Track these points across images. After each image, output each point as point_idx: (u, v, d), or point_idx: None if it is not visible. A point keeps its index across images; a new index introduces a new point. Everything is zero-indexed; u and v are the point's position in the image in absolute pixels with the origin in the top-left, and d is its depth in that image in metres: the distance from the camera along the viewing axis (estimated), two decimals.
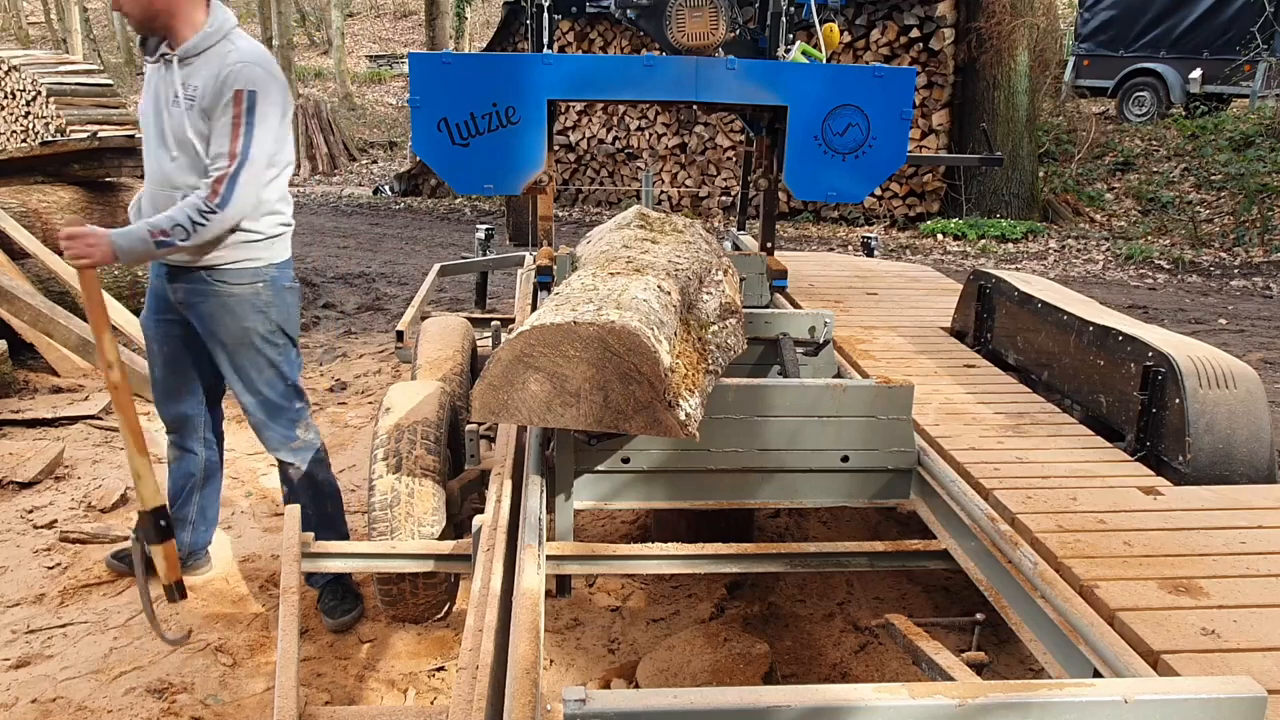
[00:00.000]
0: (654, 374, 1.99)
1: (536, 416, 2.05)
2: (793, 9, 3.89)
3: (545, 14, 3.84)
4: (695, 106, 8.16)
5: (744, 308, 2.83)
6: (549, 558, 2.18)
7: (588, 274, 2.45)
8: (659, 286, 2.33)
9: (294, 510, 2.27)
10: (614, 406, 2.02)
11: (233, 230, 2.74)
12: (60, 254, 2.84)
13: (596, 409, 2.02)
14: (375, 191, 15.09)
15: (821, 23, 3.89)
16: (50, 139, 7.24)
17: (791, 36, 3.90)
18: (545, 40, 3.86)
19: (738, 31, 3.82)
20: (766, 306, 3.83)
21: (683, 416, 2.03)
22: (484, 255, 5.75)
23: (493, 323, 4.72)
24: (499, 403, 2.05)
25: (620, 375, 2.00)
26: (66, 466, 4.26)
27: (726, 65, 3.61)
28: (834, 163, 3.70)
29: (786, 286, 3.98)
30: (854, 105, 3.64)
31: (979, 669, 1.95)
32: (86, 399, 4.99)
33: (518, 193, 3.73)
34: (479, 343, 4.24)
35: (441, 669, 2.87)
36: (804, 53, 3.84)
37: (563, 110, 12.76)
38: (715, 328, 2.55)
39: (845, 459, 2.50)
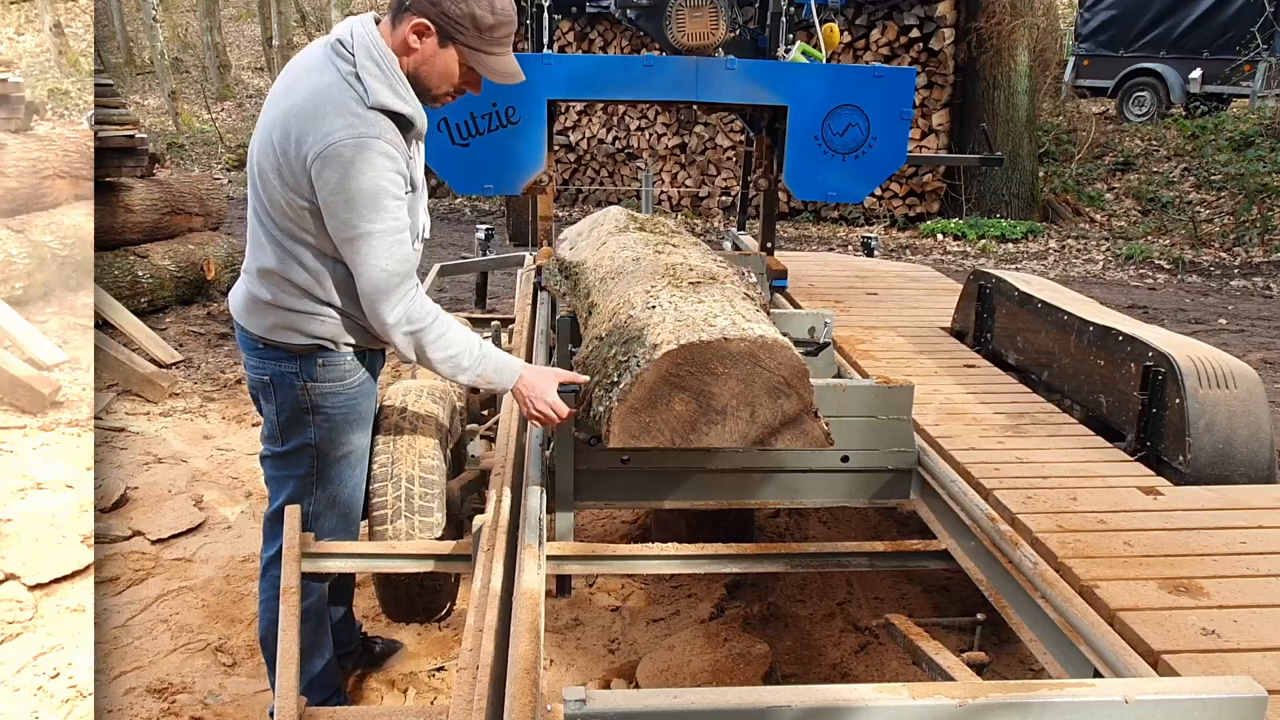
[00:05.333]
0: (803, 386, 1.94)
1: (679, 437, 1.99)
2: (793, 9, 3.89)
3: (545, 14, 3.84)
4: (695, 106, 8.16)
5: None
6: (549, 558, 2.18)
7: (656, 286, 2.29)
8: (745, 294, 2.29)
9: (294, 510, 2.27)
10: (761, 421, 1.97)
11: None
12: None
13: (743, 425, 1.98)
14: None
15: (821, 23, 3.89)
16: None
17: (791, 36, 3.90)
18: (545, 40, 3.86)
19: (738, 31, 3.81)
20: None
21: (826, 425, 2.00)
22: (484, 255, 5.75)
23: (493, 323, 4.71)
24: (640, 426, 1.98)
25: (769, 390, 1.96)
26: None
27: (726, 65, 3.61)
28: (834, 163, 3.70)
29: (786, 286, 3.98)
30: (854, 105, 3.65)
31: (979, 669, 1.95)
32: None
33: (518, 193, 3.73)
34: None
35: (441, 669, 2.87)
36: (804, 53, 3.83)
37: (563, 110, 12.74)
38: None
39: (845, 459, 2.49)
